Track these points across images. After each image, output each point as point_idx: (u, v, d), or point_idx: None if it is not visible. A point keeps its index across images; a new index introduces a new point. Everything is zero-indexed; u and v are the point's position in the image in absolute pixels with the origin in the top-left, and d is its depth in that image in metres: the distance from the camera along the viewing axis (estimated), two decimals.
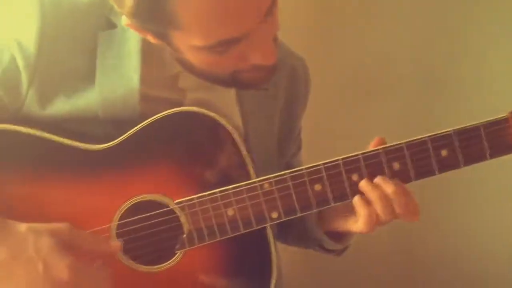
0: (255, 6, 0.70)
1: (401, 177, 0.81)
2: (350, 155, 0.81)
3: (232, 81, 0.80)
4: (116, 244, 0.77)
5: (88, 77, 0.82)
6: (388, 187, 0.79)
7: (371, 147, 0.81)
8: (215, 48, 0.72)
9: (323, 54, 0.99)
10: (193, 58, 0.76)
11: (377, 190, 0.79)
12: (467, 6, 1.30)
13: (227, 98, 0.90)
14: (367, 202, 0.80)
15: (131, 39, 0.82)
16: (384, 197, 0.79)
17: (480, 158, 0.81)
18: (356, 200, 0.81)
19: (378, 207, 0.79)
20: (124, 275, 0.82)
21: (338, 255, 0.98)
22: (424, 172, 0.81)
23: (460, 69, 1.33)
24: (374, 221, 0.80)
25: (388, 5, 1.33)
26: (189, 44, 0.73)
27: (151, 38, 0.77)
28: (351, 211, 0.83)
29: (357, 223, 0.82)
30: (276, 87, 0.94)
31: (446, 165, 0.81)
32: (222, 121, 0.81)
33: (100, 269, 0.74)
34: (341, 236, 0.92)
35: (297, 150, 1.05)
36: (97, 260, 0.75)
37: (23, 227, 0.71)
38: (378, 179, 0.80)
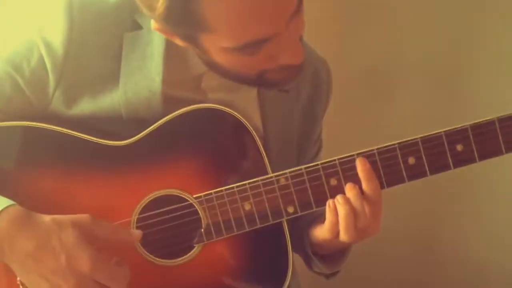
0: (282, 7, 0.71)
1: (416, 171, 0.82)
2: (365, 150, 0.82)
3: (258, 80, 0.80)
4: (136, 232, 0.79)
5: (112, 78, 0.84)
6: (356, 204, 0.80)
7: None
8: (244, 49, 0.73)
9: (335, 54, 1.00)
10: (221, 59, 0.77)
11: (346, 205, 0.80)
12: (479, 4, 1.30)
13: (248, 99, 0.91)
14: (335, 211, 0.81)
15: (155, 41, 0.84)
16: (349, 215, 0.80)
17: (496, 152, 0.82)
18: (328, 204, 0.82)
19: (342, 222, 0.81)
20: (143, 268, 0.84)
21: (326, 278, 0.98)
22: (439, 167, 0.82)
23: (472, 66, 1.32)
24: (337, 230, 0.82)
25: (399, 5, 1.34)
26: (219, 45, 0.74)
27: (178, 41, 0.78)
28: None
29: (322, 229, 0.84)
30: (298, 89, 0.95)
31: (462, 160, 0.82)
32: (240, 117, 0.83)
33: (119, 263, 0.77)
34: (331, 259, 0.93)
35: (318, 151, 1.06)
36: (117, 252, 0.77)
37: (47, 218, 0.74)
38: (351, 195, 0.81)
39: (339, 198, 0.81)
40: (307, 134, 0.99)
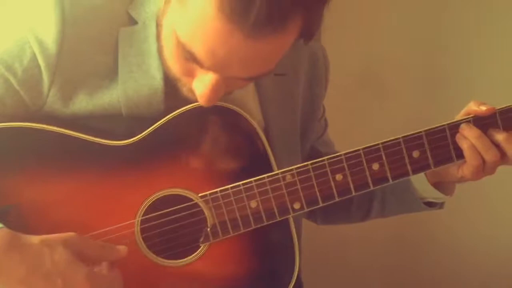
0: (241, 63, 0.71)
1: (421, 164, 0.83)
2: (371, 144, 0.82)
3: (169, 85, 0.80)
4: (122, 248, 0.77)
5: (110, 74, 0.81)
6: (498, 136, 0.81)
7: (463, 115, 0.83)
8: (183, 50, 0.72)
9: (331, 54, 1.01)
10: (166, 42, 0.76)
11: (474, 129, 0.81)
12: (473, 7, 1.32)
13: (246, 87, 0.88)
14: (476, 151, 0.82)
15: (151, 37, 0.82)
16: (482, 136, 0.81)
17: None
18: (466, 148, 0.82)
19: (478, 145, 0.81)
20: (149, 270, 0.82)
21: (441, 207, 0.96)
22: (443, 159, 0.83)
23: (468, 68, 1.36)
24: (479, 157, 0.82)
25: (396, 5, 1.34)
26: (173, 28, 0.72)
27: None
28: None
29: (463, 169, 0.84)
30: (296, 71, 0.94)
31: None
32: (245, 114, 0.82)
33: (115, 275, 0.76)
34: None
35: (323, 130, 1.06)
36: (113, 266, 0.76)
37: (36, 240, 0.71)
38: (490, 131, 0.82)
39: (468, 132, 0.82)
40: (310, 115, 0.98)
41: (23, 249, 0.70)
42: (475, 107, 0.83)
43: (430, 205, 0.94)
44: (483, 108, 0.82)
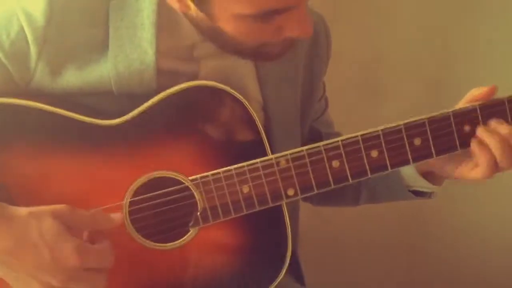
0: None
1: (422, 153, 0.79)
2: (370, 130, 0.79)
3: (255, 52, 0.78)
4: (117, 216, 0.75)
5: (100, 48, 0.79)
6: (504, 129, 0.76)
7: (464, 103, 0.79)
8: (258, 17, 0.71)
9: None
10: (229, 26, 0.74)
11: (495, 134, 0.76)
12: (470, 5, 1.29)
13: (244, 64, 0.86)
14: (486, 148, 0.77)
15: (145, 9, 0.79)
16: (503, 141, 0.76)
17: None
18: (475, 145, 0.77)
19: (497, 152, 0.76)
20: (137, 253, 0.80)
21: (429, 197, 0.92)
22: (446, 148, 0.79)
23: (471, 68, 1.34)
24: (494, 168, 0.77)
25: (396, 4, 1.31)
26: (231, 11, 0.71)
27: (190, 4, 0.74)
28: (467, 156, 0.80)
29: (475, 170, 0.79)
30: (296, 48, 0.90)
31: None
32: (238, 96, 0.79)
33: (105, 247, 0.73)
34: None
35: (324, 108, 1.03)
36: (110, 237, 0.73)
37: (23, 211, 0.69)
38: (493, 123, 0.77)
39: (481, 131, 0.77)
40: (310, 93, 0.95)
41: (10, 220, 0.68)
42: (477, 92, 0.78)
43: (419, 194, 0.90)
44: (485, 88, 0.77)
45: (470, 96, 0.79)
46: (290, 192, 0.80)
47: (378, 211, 1.06)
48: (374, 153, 0.79)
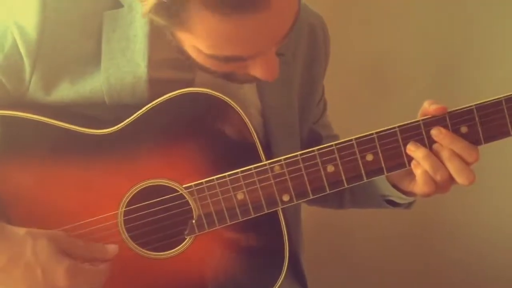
0: (271, 35, 0.67)
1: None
2: (364, 134, 0.78)
3: (223, 76, 0.75)
4: (111, 247, 0.77)
5: (93, 60, 0.78)
6: (442, 142, 0.75)
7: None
8: (219, 60, 0.69)
9: (333, 51, 0.97)
10: (192, 53, 0.71)
11: (421, 149, 0.76)
12: (478, 1, 1.29)
13: None
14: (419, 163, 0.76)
15: (138, 21, 0.78)
16: (429, 156, 0.75)
17: (503, 134, 0.77)
18: (413, 161, 0.77)
19: (426, 165, 0.76)
20: (133, 262, 0.80)
21: (407, 208, 0.92)
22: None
23: (470, 63, 1.33)
24: (430, 182, 0.76)
25: (398, 2, 1.31)
26: (193, 45, 0.69)
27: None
28: (409, 172, 0.79)
29: (415, 184, 0.79)
30: (294, 52, 0.89)
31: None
32: (232, 102, 0.78)
33: (98, 268, 0.75)
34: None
35: (323, 112, 1.02)
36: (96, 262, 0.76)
37: (21, 231, 0.71)
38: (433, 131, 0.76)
39: (410, 146, 0.76)
40: (308, 96, 0.94)
41: (7, 238, 0.71)
42: (426, 106, 0.77)
43: (396, 204, 0.89)
44: (433, 107, 0.76)
45: (422, 110, 0.78)
46: (285, 197, 0.79)
47: (379, 214, 1.04)
48: (370, 157, 0.78)
